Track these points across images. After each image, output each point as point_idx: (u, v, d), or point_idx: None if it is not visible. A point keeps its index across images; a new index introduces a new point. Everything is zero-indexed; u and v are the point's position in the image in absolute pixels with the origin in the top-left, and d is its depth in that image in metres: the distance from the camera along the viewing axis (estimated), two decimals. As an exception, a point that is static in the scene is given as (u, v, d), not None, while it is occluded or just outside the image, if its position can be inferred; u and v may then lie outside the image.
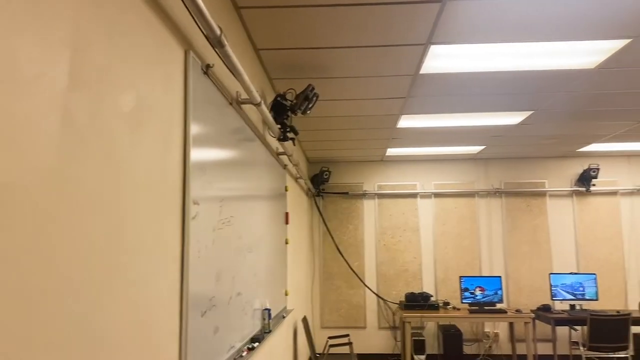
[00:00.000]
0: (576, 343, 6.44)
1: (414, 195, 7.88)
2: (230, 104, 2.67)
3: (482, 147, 6.94)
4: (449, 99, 4.63)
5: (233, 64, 2.27)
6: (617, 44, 3.40)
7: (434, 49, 3.46)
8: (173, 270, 1.82)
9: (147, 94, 1.62)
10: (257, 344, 3.13)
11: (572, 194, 7.77)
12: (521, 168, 7.89)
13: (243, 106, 2.99)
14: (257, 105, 2.90)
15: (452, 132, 5.98)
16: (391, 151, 7.10)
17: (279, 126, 3.67)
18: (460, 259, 7.72)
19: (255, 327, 3.36)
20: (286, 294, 4.93)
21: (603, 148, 7.06)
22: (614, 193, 7.70)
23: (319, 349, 7.43)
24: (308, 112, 3.65)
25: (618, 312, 6.36)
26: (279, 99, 3.65)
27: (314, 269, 7.81)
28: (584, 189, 7.66)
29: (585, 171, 7.55)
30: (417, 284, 7.71)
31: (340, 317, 7.71)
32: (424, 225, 7.83)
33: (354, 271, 7.74)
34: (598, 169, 7.44)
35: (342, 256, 7.77)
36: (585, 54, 3.57)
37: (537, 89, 4.36)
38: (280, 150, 4.44)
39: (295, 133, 3.76)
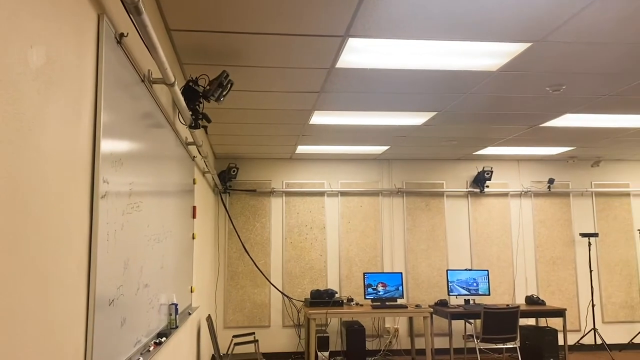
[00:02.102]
0: (470, 336, 6.79)
1: (321, 194, 7.94)
2: (143, 81, 2.50)
3: (386, 148, 7.14)
4: (361, 96, 4.70)
5: (149, 35, 2.13)
6: (519, 47, 3.61)
7: (351, 42, 3.47)
8: (80, 250, 1.65)
9: (58, 55, 1.46)
10: (164, 339, 2.96)
11: (467, 194, 8.21)
12: (422, 169, 8.22)
13: (154, 87, 2.82)
14: (171, 85, 2.75)
15: (361, 131, 6.09)
16: (301, 148, 7.09)
17: (190, 112, 3.52)
18: (364, 256, 7.88)
19: (161, 322, 3.19)
20: (192, 291, 4.74)
21: (497, 151, 7.53)
22: (504, 195, 8.24)
23: (222, 349, 7.24)
24: (222, 99, 3.53)
25: (508, 305, 6.79)
26: (190, 84, 3.50)
27: (218, 268, 7.60)
28: (478, 190, 8.13)
29: (479, 173, 8.01)
30: (322, 281, 7.76)
31: (244, 317, 7.57)
32: (330, 223, 7.91)
33: (259, 269, 7.64)
34: (491, 172, 7.92)
35: (248, 254, 7.64)
36: (489, 55, 3.76)
37: (443, 89, 4.54)
38: (190, 139, 4.26)
39: (208, 121, 3.63)
